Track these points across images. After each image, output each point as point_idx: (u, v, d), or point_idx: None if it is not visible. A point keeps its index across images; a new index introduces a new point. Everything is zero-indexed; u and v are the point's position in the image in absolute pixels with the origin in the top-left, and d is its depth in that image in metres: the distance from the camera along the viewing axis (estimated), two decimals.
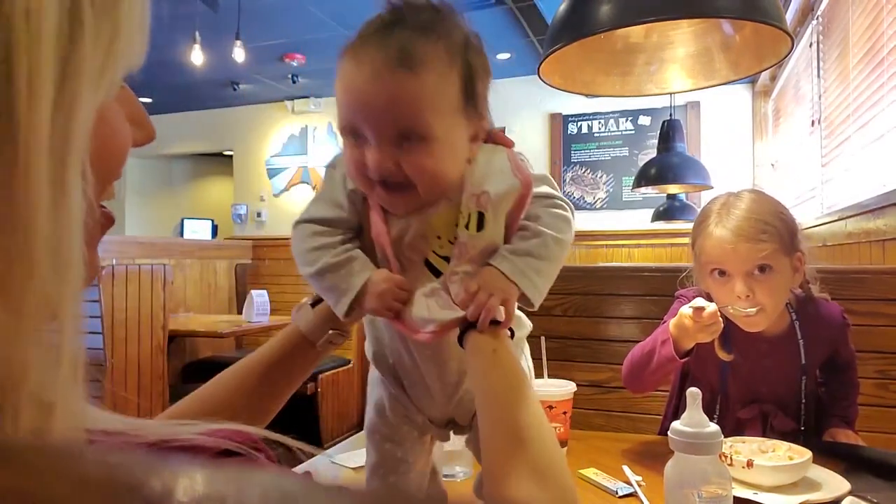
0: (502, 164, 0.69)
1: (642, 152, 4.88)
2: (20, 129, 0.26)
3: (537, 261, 0.68)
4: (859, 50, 2.39)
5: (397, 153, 0.63)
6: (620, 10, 0.98)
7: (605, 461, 1.11)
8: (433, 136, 0.63)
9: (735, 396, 1.24)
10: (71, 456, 0.21)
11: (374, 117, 0.62)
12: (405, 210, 0.68)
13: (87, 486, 0.17)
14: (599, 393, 1.68)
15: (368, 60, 0.62)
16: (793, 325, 1.20)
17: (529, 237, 0.69)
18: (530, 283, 0.67)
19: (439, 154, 0.64)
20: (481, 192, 0.67)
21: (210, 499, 0.17)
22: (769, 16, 0.92)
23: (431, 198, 0.66)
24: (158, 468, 0.18)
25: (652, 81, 1.28)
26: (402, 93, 0.62)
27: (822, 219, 2.73)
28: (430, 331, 0.66)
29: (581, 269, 1.95)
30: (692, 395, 0.78)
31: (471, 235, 0.67)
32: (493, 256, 0.68)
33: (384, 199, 0.67)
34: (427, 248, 0.68)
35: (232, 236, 6.11)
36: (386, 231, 0.68)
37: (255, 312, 3.35)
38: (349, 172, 0.68)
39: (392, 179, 0.64)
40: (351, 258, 0.69)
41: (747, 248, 1.09)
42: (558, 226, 0.70)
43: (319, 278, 0.69)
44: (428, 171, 0.64)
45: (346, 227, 0.71)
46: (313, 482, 0.19)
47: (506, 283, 0.66)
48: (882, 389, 1.48)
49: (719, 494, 0.73)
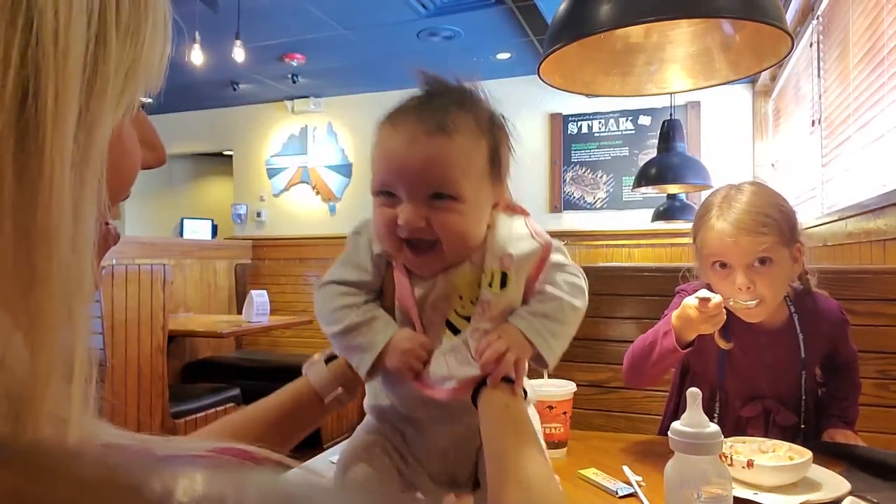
0: (522, 229, 0.74)
1: (642, 152, 4.87)
2: (46, 145, 0.26)
3: (554, 323, 0.72)
4: (859, 50, 2.39)
5: (428, 211, 0.68)
6: (620, 10, 0.98)
7: (605, 461, 1.11)
8: (462, 196, 0.68)
9: (735, 392, 1.24)
10: (71, 456, 0.21)
11: (409, 176, 0.68)
12: (430, 271, 0.72)
13: (88, 487, 0.17)
14: (599, 393, 1.68)
15: (407, 126, 0.69)
16: (791, 319, 1.21)
17: (547, 301, 0.73)
18: (546, 344, 0.71)
19: (467, 214, 0.69)
20: (504, 253, 0.71)
21: (209, 499, 0.17)
22: (769, 16, 0.92)
23: (455, 258, 0.71)
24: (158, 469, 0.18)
25: (652, 81, 1.28)
26: (437, 154, 0.68)
27: (823, 219, 2.73)
28: (449, 388, 0.68)
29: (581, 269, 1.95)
30: (692, 396, 0.78)
31: (494, 294, 0.70)
32: (512, 316, 0.71)
33: (411, 259, 0.71)
34: (449, 307, 0.72)
35: (232, 236, 6.11)
36: (411, 292, 0.72)
37: (255, 312, 3.35)
38: (378, 233, 0.72)
39: (420, 237, 0.68)
40: (375, 317, 0.73)
41: (748, 241, 1.10)
42: (574, 293, 0.75)
43: (343, 337, 0.73)
44: (455, 230, 0.69)
45: (369, 289, 0.76)
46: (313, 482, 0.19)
47: (522, 341, 0.69)
48: (882, 389, 1.48)
49: (719, 495, 0.73)
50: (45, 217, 0.26)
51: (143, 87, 0.33)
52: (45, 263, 0.27)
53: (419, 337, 0.71)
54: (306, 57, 4.80)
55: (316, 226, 5.87)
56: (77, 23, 0.27)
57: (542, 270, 0.73)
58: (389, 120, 0.72)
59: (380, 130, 0.72)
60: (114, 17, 0.29)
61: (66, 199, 0.27)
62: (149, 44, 0.32)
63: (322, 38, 4.35)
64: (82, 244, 0.29)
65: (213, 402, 2.85)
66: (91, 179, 0.29)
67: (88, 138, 0.28)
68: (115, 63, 0.30)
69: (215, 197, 7.85)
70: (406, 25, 4.13)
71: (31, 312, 0.26)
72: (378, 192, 0.71)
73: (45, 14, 0.26)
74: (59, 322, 0.28)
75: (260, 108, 6.11)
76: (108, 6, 0.29)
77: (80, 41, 0.27)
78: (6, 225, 0.25)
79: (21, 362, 0.26)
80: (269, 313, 3.46)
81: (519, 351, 0.69)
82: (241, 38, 3.79)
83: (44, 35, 0.26)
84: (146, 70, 0.32)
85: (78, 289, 0.29)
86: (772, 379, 1.22)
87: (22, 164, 0.26)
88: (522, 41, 4.48)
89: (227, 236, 6.43)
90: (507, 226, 0.74)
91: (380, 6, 3.83)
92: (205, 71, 4.67)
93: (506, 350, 0.67)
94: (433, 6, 3.87)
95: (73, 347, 0.29)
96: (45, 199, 0.26)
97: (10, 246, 0.26)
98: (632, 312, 1.67)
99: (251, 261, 5.19)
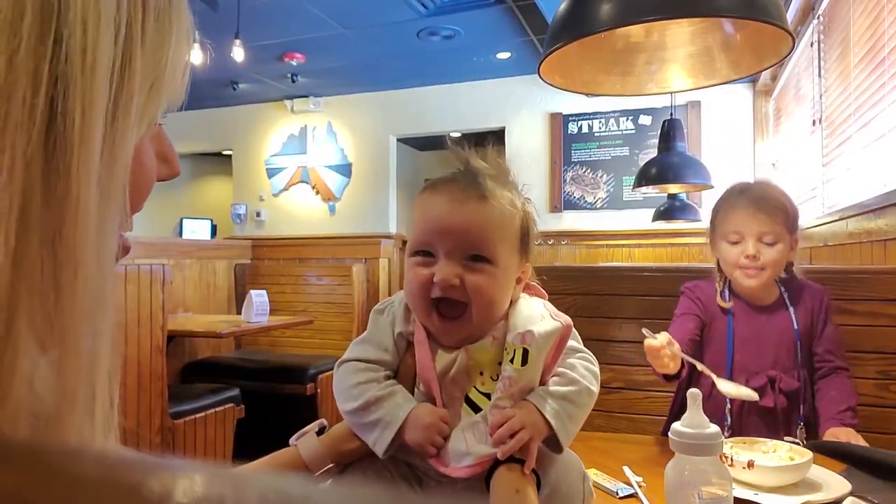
0: (542, 309, 0.77)
1: (643, 152, 4.87)
2: (73, 163, 0.26)
3: (572, 406, 0.73)
4: (860, 49, 2.39)
5: (463, 272, 0.71)
6: (621, 10, 0.98)
7: (606, 462, 1.11)
8: (496, 261, 0.72)
9: (742, 368, 1.36)
10: (71, 456, 0.20)
11: (449, 235, 0.72)
12: (455, 339, 0.73)
13: (87, 486, 0.17)
14: (600, 393, 1.66)
15: (448, 192, 0.74)
16: (782, 296, 1.40)
17: (565, 384, 0.74)
18: (563, 427, 0.72)
19: (498, 279, 0.72)
20: (526, 330, 0.72)
21: (209, 499, 0.17)
22: (770, 15, 0.92)
23: (481, 327, 0.73)
24: (158, 469, 0.18)
25: (652, 81, 1.27)
26: (479, 217, 0.72)
27: (823, 218, 2.73)
28: (467, 465, 0.68)
29: (581, 269, 1.95)
30: (692, 396, 0.78)
31: (515, 370, 0.71)
32: (532, 395, 0.72)
33: (438, 325, 0.73)
34: (469, 383, 0.73)
35: (231, 236, 6.11)
36: (432, 366, 0.73)
37: (255, 312, 3.34)
38: (410, 293, 0.74)
39: (452, 297, 0.71)
40: (395, 392, 0.74)
41: (764, 218, 1.33)
42: (590, 378, 0.77)
43: (362, 412, 0.73)
44: (486, 292, 0.71)
45: (389, 368, 0.77)
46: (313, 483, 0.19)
47: (540, 421, 0.70)
48: (882, 390, 1.48)
49: (720, 495, 0.73)
50: (71, 235, 0.26)
51: (165, 102, 0.33)
52: (71, 282, 0.26)
53: (440, 411, 0.71)
54: (306, 56, 4.80)
55: (315, 226, 5.87)
56: (105, 39, 0.27)
57: (562, 349, 0.75)
58: (432, 187, 0.76)
59: (421, 196, 0.76)
60: (139, 32, 0.29)
61: (92, 216, 0.27)
62: (172, 59, 0.32)
63: (322, 37, 4.35)
64: (106, 261, 0.29)
65: (213, 402, 2.85)
66: (115, 196, 0.29)
67: (113, 155, 0.28)
68: (140, 79, 0.29)
69: (215, 197, 7.85)
70: (406, 25, 4.13)
71: (57, 333, 0.26)
72: (414, 252, 0.74)
73: (75, 30, 0.25)
74: (84, 342, 0.27)
75: (259, 108, 6.11)
76: (134, 20, 0.29)
77: (107, 57, 0.27)
78: (34, 243, 0.25)
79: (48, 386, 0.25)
80: (269, 313, 3.46)
81: (534, 430, 0.69)
82: (240, 38, 3.79)
83: (72, 52, 0.25)
84: (169, 85, 0.32)
85: (101, 306, 0.28)
86: (773, 351, 1.36)
87: (50, 182, 0.25)
88: (522, 41, 4.48)
89: (226, 236, 6.43)
90: (527, 305, 0.77)
91: (380, 6, 3.83)
92: (204, 70, 4.67)
93: (520, 428, 0.68)
94: (433, 6, 3.87)
95: (96, 369, 0.28)
96: (71, 216, 0.26)
97: (37, 265, 0.25)
98: (632, 312, 1.67)
99: (251, 261, 5.19)
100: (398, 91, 5.63)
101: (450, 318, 0.72)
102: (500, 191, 0.74)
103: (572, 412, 0.73)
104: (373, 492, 0.19)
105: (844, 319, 1.51)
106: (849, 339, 1.50)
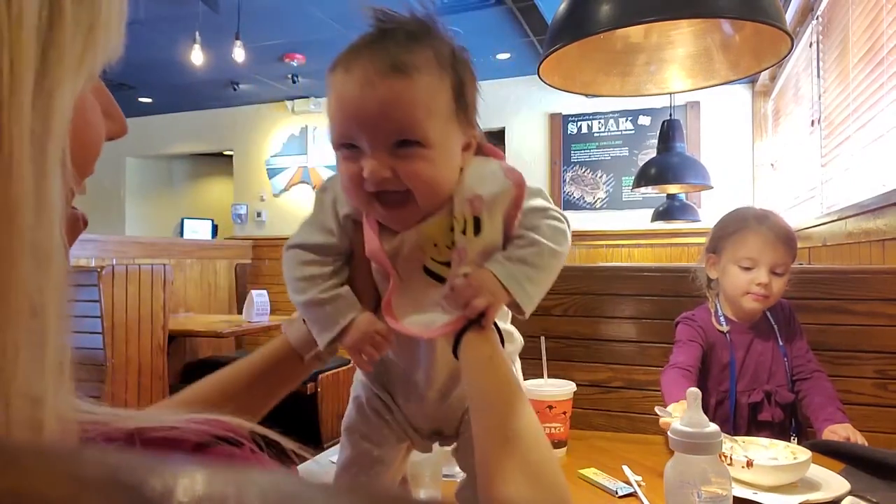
0: (493, 168, 0.70)
1: (642, 152, 4.87)
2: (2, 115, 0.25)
3: (531, 269, 0.68)
4: (859, 50, 2.39)
5: (393, 161, 0.63)
6: (620, 10, 0.98)
7: (605, 461, 1.11)
8: (429, 142, 0.63)
9: (742, 389, 1.39)
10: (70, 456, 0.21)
11: (368, 124, 0.62)
12: (406, 224, 0.68)
13: (87, 486, 0.17)
14: (599, 393, 1.68)
15: (360, 69, 0.63)
16: (765, 315, 1.44)
17: (525, 245, 0.69)
18: (522, 290, 0.67)
19: (435, 160, 0.64)
20: (473, 195, 0.67)
21: (210, 498, 0.17)
22: (769, 16, 0.92)
23: (430, 207, 0.67)
24: (158, 468, 0.18)
25: (652, 81, 1.28)
26: (397, 97, 0.62)
27: (822, 219, 2.73)
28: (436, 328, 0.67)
29: (581, 269, 1.95)
30: (692, 395, 0.78)
31: (468, 240, 0.67)
32: (490, 261, 0.68)
33: (382, 215, 0.67)
34: (424, 256, 0.69)
35: (232, 236, 6.11)
36: (380, 247, 0.68)
37: (255, 312, 3.35)
38: (345, 188, 0.68)
39: (389, 189, 0.64)
40: (338, 296, 0.70)
41: (784, 251, 1.36)
42: (555, 237, 0.70)
43: (305, 309, 0.71)
44: (425, 178, 0.64)
45: (336, 254, 0.72)
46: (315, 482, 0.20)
47: (497, 287, 0.66)
48: (882, 389, 1.48)
49: (719, 494, 0.74)
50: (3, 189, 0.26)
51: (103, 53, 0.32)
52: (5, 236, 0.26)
53: (377, 323, 0.69)
54: (306, 57, 4.80)
55: None
56: None
57: (520, 206, 0.69)
58: (340, 63, 0.65)
59: (331, 75, 0.65)
60: None
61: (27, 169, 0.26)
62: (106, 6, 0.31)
63: (322, 38, 4.35)
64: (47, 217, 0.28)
65: None
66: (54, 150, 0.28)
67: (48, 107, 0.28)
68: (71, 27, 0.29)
69: (215, 197, 7.85)
70: None
71: None
72: (339, 145, 0.66)
73: None
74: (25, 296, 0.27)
75: (260, 109, 6.12)
76: None
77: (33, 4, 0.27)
78: None
79: None
80: (270, 313, 3.46)
81: (491, 297, 0.65)
82: (241, 39, 3.79)
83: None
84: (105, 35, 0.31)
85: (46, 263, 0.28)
86: (768, 367, 1.40)
87: None
88: (522, 41, 4.48)
89: (227, 236, 6.43)
90: (477, 168, 0.70)
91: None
92: (205, 71, 4.68)
93: (475, 297, 0.64)
94: (433, 6, 3.87)
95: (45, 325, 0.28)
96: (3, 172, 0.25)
97: None
98: (632, 312, 1.67)
99: (251, 261, 5.19)
100: None
101: (393, 207, 0.66)
102: (419, 52, 0.64)
103: (532, 275, 0.68)
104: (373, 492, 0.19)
105: (843, 319, 1.51)
106: (847, 339, 1.50)
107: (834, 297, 1.52)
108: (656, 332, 1.62)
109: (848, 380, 1.48)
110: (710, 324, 1.42)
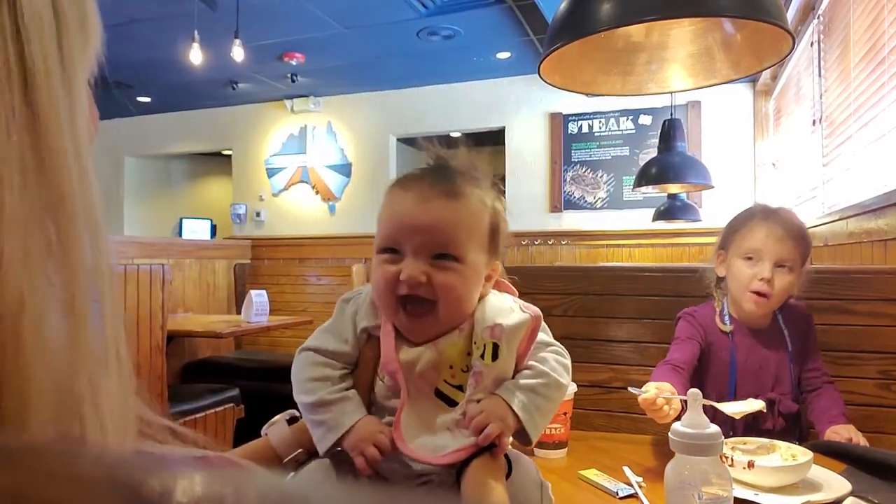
0: (510, 302, 0.77)
1: (643, 152, 4.87)
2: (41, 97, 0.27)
3: (541, 399, 0.73)
4: (860, 49, 2.39)
5: (430, 269, 0.71)
6: (621, 9, 0.98)
7: (606, 462, 1.11)
8: (463, 258, 0.72)
9: (746, 392, 1.32)
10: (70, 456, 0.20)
11: (416, 233, 0.71)
12: (422, 336, 0.73)
13: (86, 486, 0.17)
14: (600, 393, 1.67)
15: (418, 188, 0.73)
16: (776, 319, 1.38)
17: (534, 376, 0.74)
18: (531, 420, 0.72)
19: (465, 276, 0.72)
20: (494, 323, 0.73)
21: (209, 499, 0.17)
22: (770, 15, 0.92)
23: (448, 323, 0.73)
24: (158, 469, 0.18)
25: (653, 80, 1.27)
26: (447, 214, 0.72)
27: (824, 218, 2.73)
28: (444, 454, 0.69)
29: (581, 269, 1.95)
30: (693, 396, 0.78)
31: (486, 365, 0.72)
32: (501, 388, 0.73)
33: (405, 323, 0.73)
34: (438, 377, 0.73)
35: (231, 236, 6.11)
36: (396, 358, 0.73)
37: (254, 312, 3.34)
38: (376, 290, 0.74)
39: (419, 295, 0.71)
40: (346, 398, 0.74)
41: (791, 245, 1.31)
42: (560, 371, 0.77)
43: (312, 409, 0.74)
44: (454, 290, 0.71)
45: (346, 362, 0.77)
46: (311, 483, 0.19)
47: (508, 415, 0.71)
48: (883, 389, 1.48)
49: (720, 495, 0.73)
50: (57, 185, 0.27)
51: (94, 46, 0.33)
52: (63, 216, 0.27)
53: (382, 427, 0.72)
54: (305, 56, 4.80)
55: (315, 225, 5.87)
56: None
57: (533, 339, 0.75)
58: (400, 184, 0.76)
59: (389, 193, 0.76)
60: None
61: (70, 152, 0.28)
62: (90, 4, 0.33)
63: (321, 37, 4.35)
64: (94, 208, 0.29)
65: (213, 402, 2.84)
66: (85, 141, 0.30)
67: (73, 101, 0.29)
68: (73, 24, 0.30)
69: (214, 197, 7.85)
70: (406, 25, 4.12)
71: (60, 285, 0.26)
72: (382, 249, 0.74)
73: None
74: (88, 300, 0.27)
75: (259, 108, 6.11)
76: None
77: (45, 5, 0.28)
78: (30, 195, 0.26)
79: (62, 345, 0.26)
80: (269, 313, 3.45)
81: (503, 424, 0.69)
82: (240, 38, 3.78)
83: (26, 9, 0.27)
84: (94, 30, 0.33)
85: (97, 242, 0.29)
86: (773, 374, 1.35)
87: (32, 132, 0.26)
88: (522, 40, 4.47)
89: (226, 236, 6.43)
90: (496, 299, 0.77)
91: (379, 5, 3.83)
92: (204, 70, 4.67)
93: (487, 424, 0.68)
94: (433, 5, 3.87)
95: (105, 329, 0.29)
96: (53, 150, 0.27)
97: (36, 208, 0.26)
98: (632, 312, 1.67)
99: (250, 261, 5.19)
100: (398, 91, 5.63)
101: (417, 316, 0.72)
102: (468, 188, 0.74)
103: (541, 405, 0.73)
104: (372, 492, 0.19)
105: (845, 319, 1.51)
106: (849, 339, 1.50)
107: (836, 297, 1.52)
108: (657, 332, 1.62)
109: (850, 380, 1.47)
110: (712, 322, 1.39)
